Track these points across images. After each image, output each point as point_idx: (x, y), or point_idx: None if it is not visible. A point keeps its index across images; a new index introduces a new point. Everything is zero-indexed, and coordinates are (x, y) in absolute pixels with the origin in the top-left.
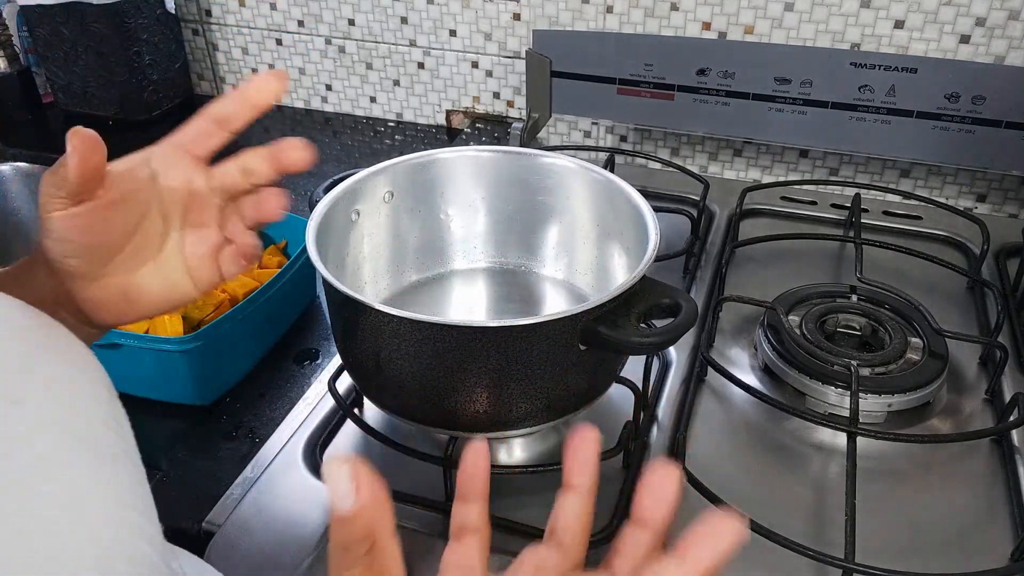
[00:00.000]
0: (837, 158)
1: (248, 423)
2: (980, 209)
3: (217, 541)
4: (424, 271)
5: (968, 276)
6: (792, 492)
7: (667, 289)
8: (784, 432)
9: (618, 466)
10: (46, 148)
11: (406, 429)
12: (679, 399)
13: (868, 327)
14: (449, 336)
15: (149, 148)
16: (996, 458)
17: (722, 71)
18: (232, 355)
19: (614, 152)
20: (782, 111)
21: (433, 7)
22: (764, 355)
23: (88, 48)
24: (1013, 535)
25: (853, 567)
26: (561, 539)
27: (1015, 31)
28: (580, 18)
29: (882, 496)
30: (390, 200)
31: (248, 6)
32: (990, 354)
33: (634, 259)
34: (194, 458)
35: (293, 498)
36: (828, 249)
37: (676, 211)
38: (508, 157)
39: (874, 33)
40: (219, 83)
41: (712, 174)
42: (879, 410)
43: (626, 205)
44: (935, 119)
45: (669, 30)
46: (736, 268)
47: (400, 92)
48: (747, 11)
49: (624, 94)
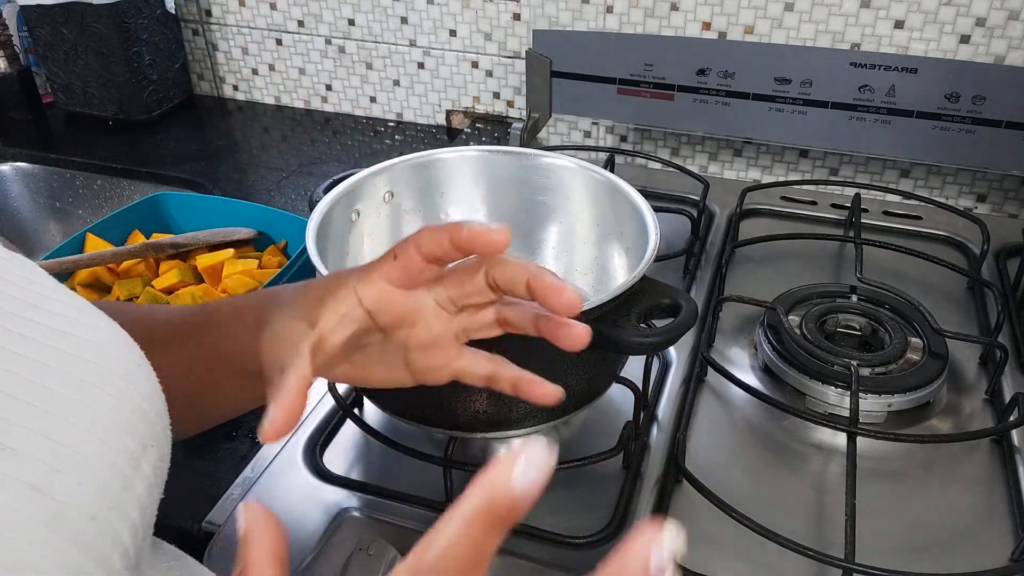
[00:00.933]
0: (837, 158)
1: (248, 423)
2: (980, 209)
3: (217, 541)
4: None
5: (968, 276)
6: (792, 492)
7: (667, 289)
8: (784, 432)
9: (618, 466)
10: (46, 148)
11: (406, 429)
12: (679, 399)
13: (868, 327)
14: None
15: (368, 294)
16: (996, 458)
17: (722, 71)
18: None
19: (614, 152)
20: (782, 111)
21: (433, 7)
22: (764, 355)
23: (88, 48)
24: (1013, 535)
25: (853, 567)
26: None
27: (1015, 31)
28: (580, 18)
29: (882, 496)
30: (390, 200)
31: (248, 6)
32: (990, 354)
33: (634, 259)
34: (194, 458)
35: (293, 498)
36: (828, 249)
37: (676, 211)
38: (508, 157)
39: (874, 33)
40: (219, 83)
41: (712, 174)
42: (879, 410)
43: (626, 205)
44: (935, 119)
45: (669, 30)
46: (736, 268)
47: (400, 92)
48: (747, 11)
49: (624, 94)
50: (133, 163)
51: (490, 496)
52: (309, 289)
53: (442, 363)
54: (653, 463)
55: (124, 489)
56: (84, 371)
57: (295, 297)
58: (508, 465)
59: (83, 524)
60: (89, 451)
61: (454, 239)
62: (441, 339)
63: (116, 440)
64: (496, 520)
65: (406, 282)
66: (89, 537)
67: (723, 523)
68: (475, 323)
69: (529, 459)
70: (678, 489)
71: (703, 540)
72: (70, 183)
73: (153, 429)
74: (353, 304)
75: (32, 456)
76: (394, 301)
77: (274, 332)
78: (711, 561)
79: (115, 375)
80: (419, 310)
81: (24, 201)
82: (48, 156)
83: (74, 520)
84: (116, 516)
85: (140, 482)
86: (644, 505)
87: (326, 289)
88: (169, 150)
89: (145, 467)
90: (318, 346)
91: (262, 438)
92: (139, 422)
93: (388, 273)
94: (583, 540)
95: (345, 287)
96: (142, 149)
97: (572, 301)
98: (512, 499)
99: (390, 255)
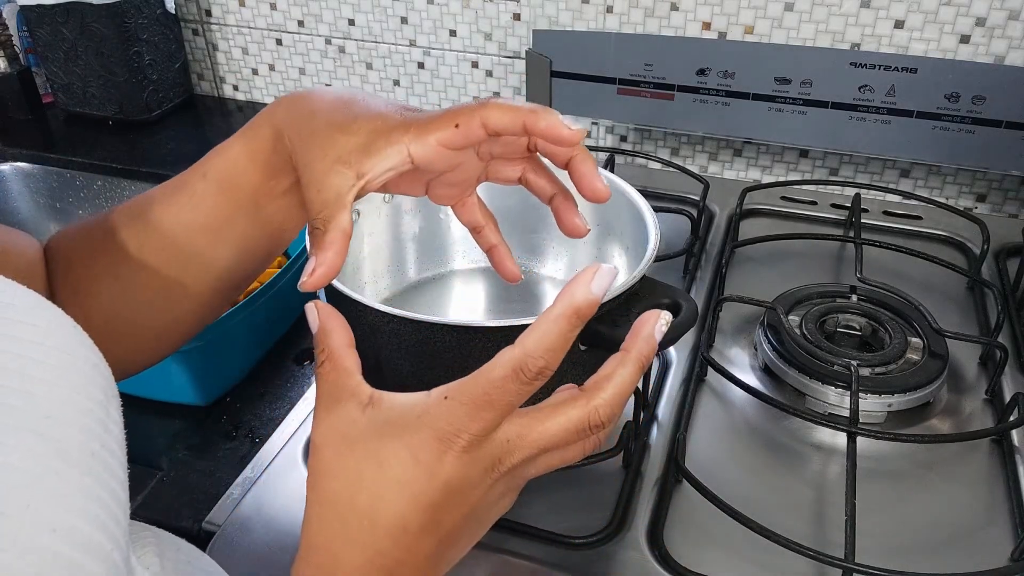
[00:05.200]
0: (837, 158)
1: (248, 423)
2: (980, 209)
3: (217, 541)
4: (424, 271)
5: (968, 276)
6: (792, 492)
7: (667, 289)
8: (784, 432)
9: (618, 466)
10: (46, 148)
11: None
12: (679, 399)
13: (868, 327)
14: (449, 336)
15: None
16: (996, 458)
17: (722, 71)
18: (232, 355)
19: (614, 152)
20: (782, 111)
21: (433, 7)
22: (764, 355)
23: (88, 48)
24: (1013, 535)
25: (853, 567)
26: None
27: (1015, 31)
28: (580, 18)
29: (882, 496)
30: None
31: (248, 6)
32: (990, 354)
33: (634, 259)
34: (194, 458)
35: (293, 498)
36: (828, 249)
37: (676, 211)
38: None
39: (874, 33)
40: (219, 83)
41: (712, 174)
42: (879, 410)
43: (626, 205)
44: (935, 119)
45: (669, 30)
46: (736, 268)
47: (400, 92)
48: (747, 11)
49: (624, 94)
50: (133, 163)
51: (572, 298)
52: (354, 125)
53: (455, 195)
54: (653, 463)
55: (105, 432)
56: (33, 334)
57: (335, 131)
58: (585, 276)
59: (86, 458)
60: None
61: (529, 126)
62: (467, 180)
63: (84, 391)
64: (577, 316)
65: (462, 147)
66: (96, 470)
67: (723, 523)
68: (500, 173)
69: (600, 272)
70: (678, 489)
71: (703, 540)
72: (70, 183)
73: (108, 381)
74: (403, 160)
75: (19, 409)
76: (443, 157)
77: (315, 177)
78: (711, 561)
79: (61, 336)
80: (461, 162)
81: (24, 201)
82: (48, 156)
83: (78, 454)
84: (108, 454)
85: (113, 425)
86: (644, 505)
87: (375, 135)
88: (169, 150)
89: (113, 413)
90: (360, 192)
91: (301, 286)
92: (95, 375)
93: (446, 139)
94: (583, 540)
95: (398, 144)
96: (142, 149)
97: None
98: (589, 300)
99: (450, 121)
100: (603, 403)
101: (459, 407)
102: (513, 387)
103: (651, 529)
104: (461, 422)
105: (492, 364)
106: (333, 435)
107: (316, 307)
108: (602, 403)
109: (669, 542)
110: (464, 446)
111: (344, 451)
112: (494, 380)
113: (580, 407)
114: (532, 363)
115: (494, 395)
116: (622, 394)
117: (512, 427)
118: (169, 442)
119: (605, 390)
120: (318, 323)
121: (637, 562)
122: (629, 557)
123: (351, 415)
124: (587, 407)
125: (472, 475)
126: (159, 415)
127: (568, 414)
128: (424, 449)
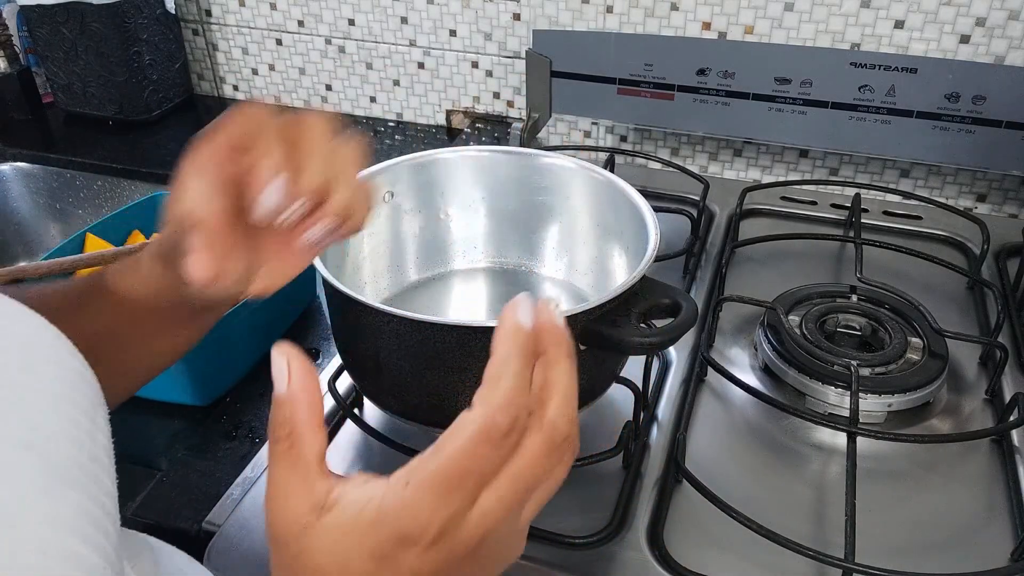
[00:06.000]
0: (837, 158)
1: (248, 423)
2: (980, 209)
3: (217, 541)
4: (424, 271)
5: (968, 276)
6: (792, 492)
7: (667, 289)
8: (784, 432)
9: (618, 466)
10: (46, 148)
11: (406, 429)
12: (679, 399)
13: (868, 327)
14: (449, 336)
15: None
16: (996, 458)
17: (722, 71)
18: (232, 355)
19: (614, 152)
20: (782, 111)
21: (433, 7)
22: (764, 355)
23: (88, 48)
24: (1013, 535)
25: (853, 567)
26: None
27: (1015, 31)
28: (580, 18)
29: (882, 496)
30: (390, 200)
31: (248, 6)
32: (990, 354)
33: (634, 259)
34: (194, 458)
35: None
36: (828, 249)
37: (676, 211)
38: (508, 157)
39: (874, 33)
40: (219, 83)
41: (712, 174)
42: (879, 410)
43: (626, 205)
44: (935, 119)
45: (669, 30)
46: (736, 268)
47: (400, 92)
48: (747, 11)
49: (624, 94)
50: (133, 163)
51: (513, 335)
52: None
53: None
54: (653, 463)
55: (93, 442)
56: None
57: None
58: (509, 315)
59: (74, 471)
60: (55, 414)
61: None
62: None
63: (70, 399)
64: (522, 350)
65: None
66: (83, 482)
67: (723, 523)
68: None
69: (518, 303)
70: (678, 489)
71: (703, 540)
72: (70, 183)
73: (94, 390)
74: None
75: (4, 419)
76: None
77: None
78: (711, 561)
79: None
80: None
81: (24, 201)
82: (48, 156)
83: (65, 469)
84: (97, 466)
85: (101, 434)
86: (644, 505)
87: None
88: (169, 150)
89: (99, 421)
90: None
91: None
92: (81, 382)
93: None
94: (583, 540)
95: None
96: (142, 149)
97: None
98: (527, 331)
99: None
100: (557, 414)
101: (423, 495)
102: (484, 452)
103: (651, 529)
104: (424, 514)
105: (452, 432)
106: (294, 528)
107: (288, 360)
108: (556, 415)
109: (669, 542)
110: (431, 540)
111: (305, 553)
112: (461, 450)
113: (536, 431)
114: (500, 418)
115: (466, 466)
116: (569, 396)
117: (489, 494)
118: (169, 442)
119: (552, 400)
120: (286, 385)
121: (637, 562)
122: (629, 557)
123: (307, 518)
124: (543, 428)
125: (448, 566)
126: (159, 415)
127: (529, 445)
128: (386, 553)
